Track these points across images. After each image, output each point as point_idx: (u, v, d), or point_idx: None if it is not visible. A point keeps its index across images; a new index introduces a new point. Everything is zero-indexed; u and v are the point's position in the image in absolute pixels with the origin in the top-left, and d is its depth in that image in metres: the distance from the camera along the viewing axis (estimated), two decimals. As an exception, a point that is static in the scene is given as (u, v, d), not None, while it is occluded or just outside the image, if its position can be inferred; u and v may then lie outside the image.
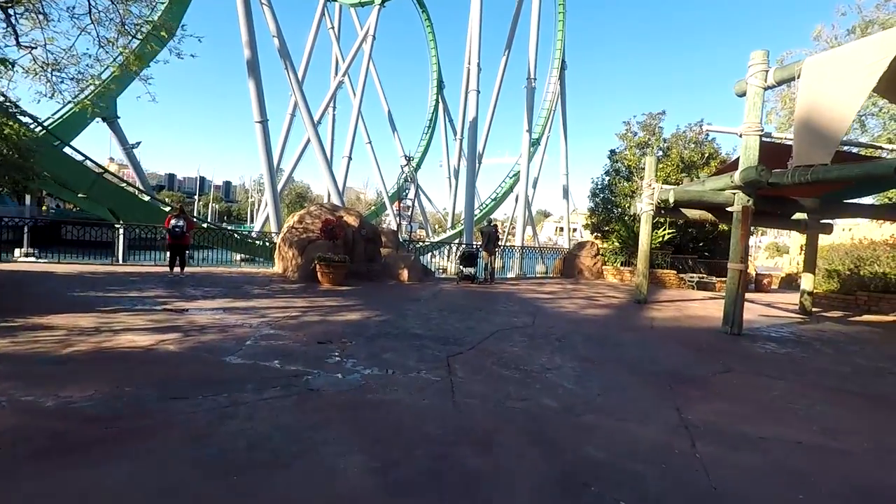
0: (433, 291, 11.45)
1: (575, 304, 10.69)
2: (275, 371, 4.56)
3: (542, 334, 7.15)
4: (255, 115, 27.50)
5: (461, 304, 9.69)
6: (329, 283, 10.92)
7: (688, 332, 8.43)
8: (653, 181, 11.62)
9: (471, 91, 34.16)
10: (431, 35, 57.26)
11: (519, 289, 13.21)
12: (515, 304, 10.14)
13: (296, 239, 12.06)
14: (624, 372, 5.41)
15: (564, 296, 12.27)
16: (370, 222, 14.02)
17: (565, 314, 9.34)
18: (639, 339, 7.48)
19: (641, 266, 11.81)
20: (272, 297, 9.03)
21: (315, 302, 8.75)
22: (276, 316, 7.16)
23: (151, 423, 3.28)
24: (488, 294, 11.83)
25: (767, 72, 8.25)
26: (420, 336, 6.46)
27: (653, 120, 19.62)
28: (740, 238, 8.33)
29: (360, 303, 9.01)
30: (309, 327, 6.53)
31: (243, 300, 8.39)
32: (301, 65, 41.69)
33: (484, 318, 8.25)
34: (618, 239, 18.43)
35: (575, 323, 8.40)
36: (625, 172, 19.75)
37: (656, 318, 9.52)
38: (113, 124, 22.15)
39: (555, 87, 51.01)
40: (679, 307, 11.58)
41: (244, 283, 10.52)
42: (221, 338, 5.67)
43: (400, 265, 12.84)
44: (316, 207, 13.21)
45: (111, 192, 19.35)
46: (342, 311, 7.91)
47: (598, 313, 9.75)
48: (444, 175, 55.30)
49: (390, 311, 8.34)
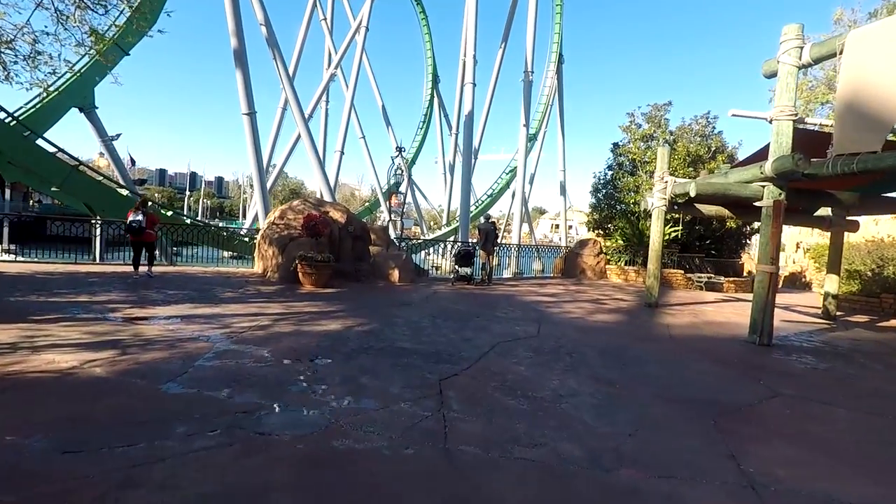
0: (426, 294, 10.48)
1: (581, 309, 9.75)
2: (219, 405, 3.58)
3: (550, 347, 6.20)
4: (242, 107, 26.36)
5: (457, 310, 8.73)
6: (311, 285, 9.93)
7: (711, 342, 7.50)
8: (665, 174, 10.68)
9: (466, 84, 33.12)
10: (426, 28, 56.15)
11: (519, 290, 12.26)
12: (516, 309, 9.19)
13: (276, 236, 11.06)
14: (653, 399, 4.46)
15: (568, 299, 11.33)
16: (359, 218, 13.02)
17: (572, 321, 8.39)
18: (659, 351, 6.54)
19: (652, 266, 10.88)
20: (244, 301, 8.04)
21: (292, 307, 7.76)
22: (243, 326, 6.17)
23: (10, 501, 2.29)
24: (486, 297, 10.87)
25: (802, 48, 7.31)
26: (408, 351, 5.49)
27: (658, 111, 18.69)
28: (771, 236, 7.40)
29: (343, 308, 8.03)
30: (278, 340, 5.54)
31: (209, 306, 7.39)
32: (293, 58, 40.50)
33: (482, 326, 7.29)
34: (622, 237, 17.52)
35: (584, 332, 7.45)
36: (628, 166, 18.83)
37: (672, 326, 8.59)
38: (91, 114, 20.99)
39: (552, 82, 50.02)
40: (694, 312, 10.66)
41: (217, 285, 9.51)
42: (167, 356, 4.68)
43: (390, 265, 11.86)
44: (299, 202, 12.20)
45: (87, 186, 18.24)
46: (321, 319, 6.92)
47: (608, 319, 8.81)
48: (440, 171, 54.27)
49: (377, 318, 7.37)
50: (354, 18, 41.31)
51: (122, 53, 21.42)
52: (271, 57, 26.79)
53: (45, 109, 19.65)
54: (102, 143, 21.57)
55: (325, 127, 49.19)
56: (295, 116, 28.52)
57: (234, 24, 24.95)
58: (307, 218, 10.06)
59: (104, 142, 21.55)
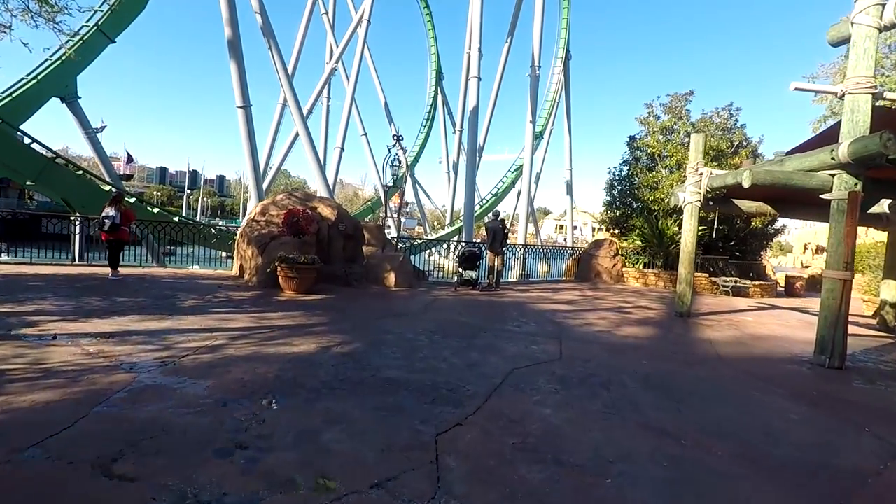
0: (425, 301, 9.16)
1: (605, 320, 8.41)
2: (78, 499, 2.27)
3: (580, 375, 4.87)
4: (237, 100, 25.20)
5: (460, 322, 7.40)
6: (292, 291, 8.63)
7: (771, 365, 6.15)
8: (700, 164, 9.33)
9: (471, 78, 31.91)
10: (430, 23, 54.91)
11: (530, 297, 10.91)
12: (530, 321, 7.86)
13: (255, 235, 9.77)
14: (739, 465, 3.13)
15: (588, 307, 9.98)
16: (351, 215, 11.72)
17: (598, 336, 7.05)
18: (714, 379, 5.20)
19: (684, 271, 9.51)
20: (205, 312, 6.74)
21: (262, 320, 6.45)
22: (189, 347, 4.87)
23: None
24: (494, 305, 9.54)
25: (885, 5, 5.96)
26: (397, 384, 4.18)
27: (679, 101, 17.31)
28: (846, 235, 6.04)
29: (324, 321, 6.71)
30: (226, 369, 4.24)
31: (159, 318, 6.09)
32: (293, 53, 39.33)
33: (491, 345, 5.96)
34: (640, 237, 16.14)
35: (616, 351, 6.11)
36: (646, 161, 17.45)
37: (716, 342, 7.24)
38: (73, 105, 19.79)
39: (559, 79, 48.71)
40: (732, 322, 9.30)
41: (183, 291, 8.22)
42: (59, 396, 3.38)
43: (386, 267, 10.55)
44: (284, 195, 10.91)
45: (65, 180, 17.03)
46: (294, 337, 5.61)
47: (640, 334, 7.47)
48: (444, 170, 52.99)
49: (363, 334, 6.06)
50: (356, 12, 40.04)
51: (106, 40, 20.25)
52: (267, 48, 25.56)
53: (23, 99, 18.46)
54: (86, 135, 20.37)
55: (326, 124, 48.01)
56: (292, 111, 27.29)
57: (228, 13, 23.80)
58: (288, 213, 8.76)
59: (87, 133, 20.35)
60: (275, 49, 25.41)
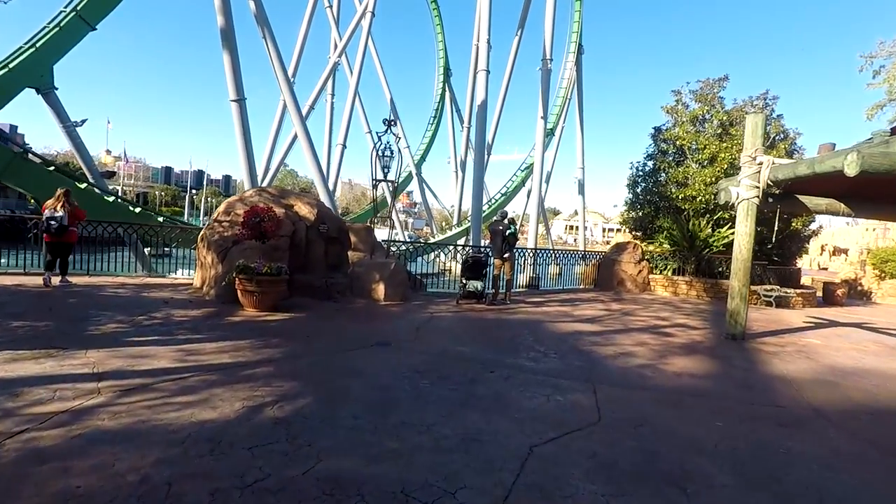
0: (419, 321, 7.46)
1: (644, 347, 6.65)
2: None
3: (634, 461, 3.15)
4: (230, 94, 23.77)
5: (459, 354, 5.69)
6: (253, 308, 6.98)
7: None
8: (759, 152, 7.55)
9: (479, 71, 30.31)
10: (438, 18, 53.25)
11: (546, 312, 9.16)
12: (550, 350, 6.12)
13: (215, 238, 8.14)
14: None
15: (617, 326, 8.22)
16: (335, 215, 10.06)
17: (643, 376, 5.30)
18: (832, 459, 3.45)
19: (738, 283, 7.72)
20: (120, 342, 5.08)
21: (190, 356, 4.78)
22: (45, 411, 3.23)
23: None
24: (503, 325, 7.82)
25: None
26: (343, 491, 2.49)
27: (710, 88, 15.45)
28: None
29: (276, 356, 5.04)
30: (65, 463, 2.58)
31: (46, 354, 4.45)
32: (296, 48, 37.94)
33: (499, 396, 4.25)
34: (668, 239, 14.31)
35: (675, 405, 4.37)
36: (674, 154, 15.61)
37: (797, 382, 5.46)
38: (49, 96, 18.37)
39: (571, 74, 46.88)
40: (799, 348, 7.49)
41: (117, 308, 6.61)
42: None
43: (374, 277, 8.87)
44: (254, 192, 9.26)
45: (35, 176, 15.62)
46: (218, 388, 3.95)
47: (694, 370, 5.71)
48: (451, 169, 51.32)
49: (320, 379, 4.38)
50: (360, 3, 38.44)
51: (86, 27, 18.81)
52: (261, 37, 24.06)
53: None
54: (64, 129, 18.95)
55: (330, 122, 46.56)
56: (288, 104, 25.79)
57: (221, 1, 22.34)
58: (249, 213, 7.10)
59: (65, 127, 18.92)
60: (269, 38, 23.90)
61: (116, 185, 60.29)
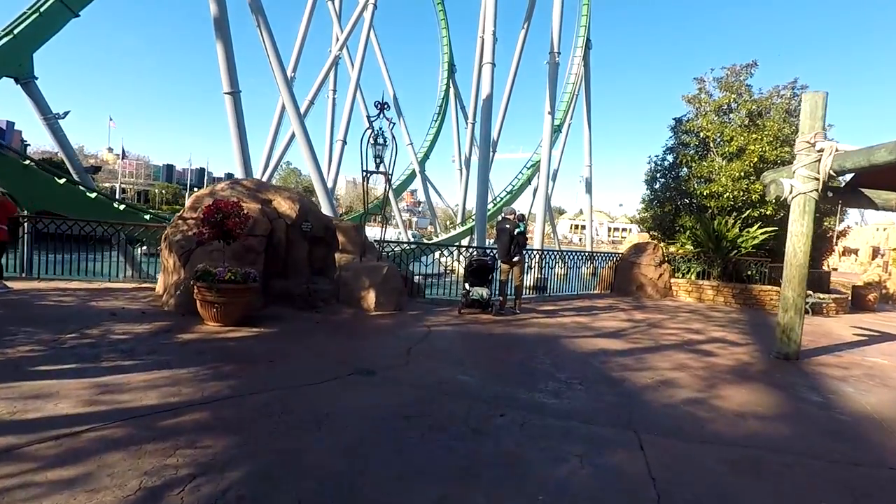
0: (413, 337, 6.27)
1: (686, 373, 5.44)
2: None
3: None
4: (224, 86, 22.73)
5: (460, 388, 4.50)
6: (215, 322, 5.84)
7: None
8: (818, 137, 6.33)
9: (485, 64, 29.14)
10: (442, 12, 52.03)
11: (561, 324, 7.95)
12: (573, 378, 4.93)
13: (177, 238, 7.00)
14: None
15: (647, 343, 7.01)
16: (319, 212, 8.90)
17: (695, 417, 4.11)
18: None
19: (793, 293, 6.50)
20: (22, 374, 3.94)
21: (103, 396, 3.62)
22: None
23: None
24: (512, 342, 6.61)
25: None
26: None
27: (737, 75, 14.18)
28: None
29: (222, 394, 3.88)
30: None
31: None
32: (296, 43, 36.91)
33: (514, 461, 3.07)
34: (691, 240, 13.07)
35: (753, 472, 3.18)
36: (696, 147, 14.35)
37: (889, 423, 4.26)
38: (29, 86, 17.32)
39: (578, 69, 45.60)
40: (866, 370, 6.27)
41: (51, 321, 5.46)
42: None
43: (363, 283, 7.70)
44: (225, 185, 8.09)
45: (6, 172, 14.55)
46: (117, 454, 2.80)
47: (755, 406, 4.51)
48: (456, 167, 50.11)
49: (266, 438, 3.20)
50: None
51: (68, 13, 17.75)
52: (255, 25, 22.94)
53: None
54: (45, 122, 17.90)
55: (331, 118, 45.39)
56: (283, 96, 24.59)
57: (213, -13, 21.25)
58: (210, 209, 5.91)
59: (47, 120, 17.88)
60: (264, 27, 22.76)
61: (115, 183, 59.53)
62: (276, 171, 37.81)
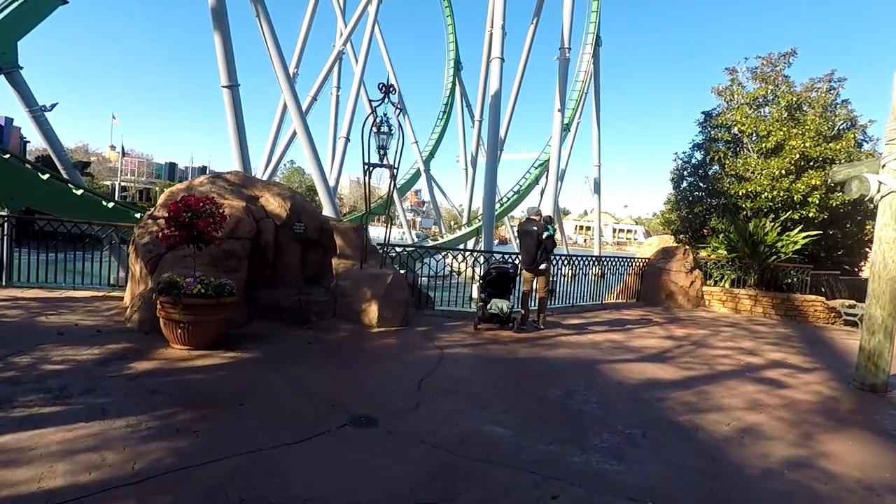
0: (423, 366, 5.15)
1: (764, 414, 4.34)
2: None
3: None
4: (222, 79, 21.70)
5: (491, 451, 3.41)
6: (182, 345, 4.77)
7: None
8: (919, 123, 5.21)
9: (493, 59, 28.00)
10: (448, 7, 50.97)
11: (596, 344, 6.83)
12: (635, 430, 3.82)
13: (145, 241, 5.94)
14: None
15: (701, 368, 5.89)
16: (315, 211, 7.80)
17: (809, 492, 3.02)
18: None
19: (881, 311, 5.38)
20: None
21: (8, 466, 2.58)
22: None
23: None
24: (545, 372, 5.48)
25: None
26: None
27: (773, 65, 13.04)
28: None
29: (161, 462, 2.81)
30: None
31: None
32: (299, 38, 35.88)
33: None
34: (724, 244, 11.93)
35: None
36: (727, 143, 13.22)
37: None
38: (13, 76, 16.36)
39: (587, 67, 44.48)
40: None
41: None
42: None
43: (364, 294, 6.62)
44: (205, 179, 7.01)
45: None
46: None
47: (873, 467, 3.42)
48: (461, 167, 49.00)
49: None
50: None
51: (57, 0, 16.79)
52: (255, 15, 21.95)
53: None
54: (30, 114, 16.93)
55: (335, 115, 44.34)
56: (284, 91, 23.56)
57: (210, -23, 20.27)
58: (178, 206, 4.83)
59: (32, 112, 16.90)
60: (264, 17, 21.76)
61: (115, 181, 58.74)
62: (277, 169, 36.76)
